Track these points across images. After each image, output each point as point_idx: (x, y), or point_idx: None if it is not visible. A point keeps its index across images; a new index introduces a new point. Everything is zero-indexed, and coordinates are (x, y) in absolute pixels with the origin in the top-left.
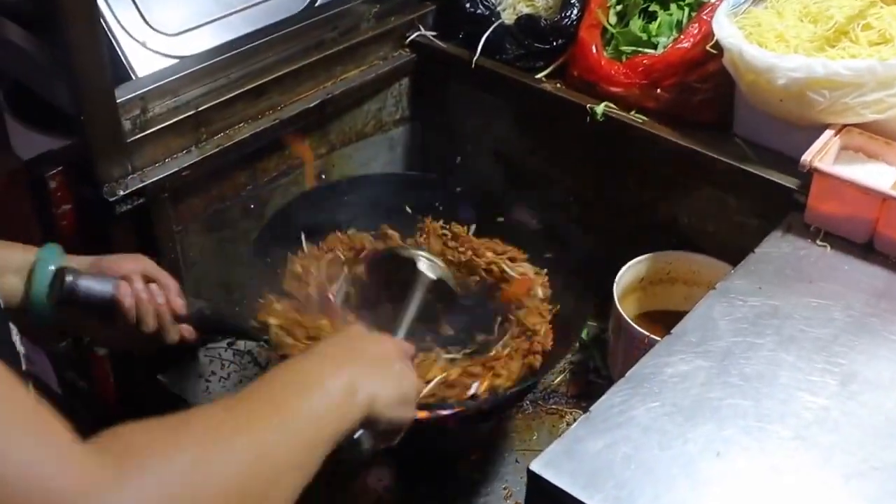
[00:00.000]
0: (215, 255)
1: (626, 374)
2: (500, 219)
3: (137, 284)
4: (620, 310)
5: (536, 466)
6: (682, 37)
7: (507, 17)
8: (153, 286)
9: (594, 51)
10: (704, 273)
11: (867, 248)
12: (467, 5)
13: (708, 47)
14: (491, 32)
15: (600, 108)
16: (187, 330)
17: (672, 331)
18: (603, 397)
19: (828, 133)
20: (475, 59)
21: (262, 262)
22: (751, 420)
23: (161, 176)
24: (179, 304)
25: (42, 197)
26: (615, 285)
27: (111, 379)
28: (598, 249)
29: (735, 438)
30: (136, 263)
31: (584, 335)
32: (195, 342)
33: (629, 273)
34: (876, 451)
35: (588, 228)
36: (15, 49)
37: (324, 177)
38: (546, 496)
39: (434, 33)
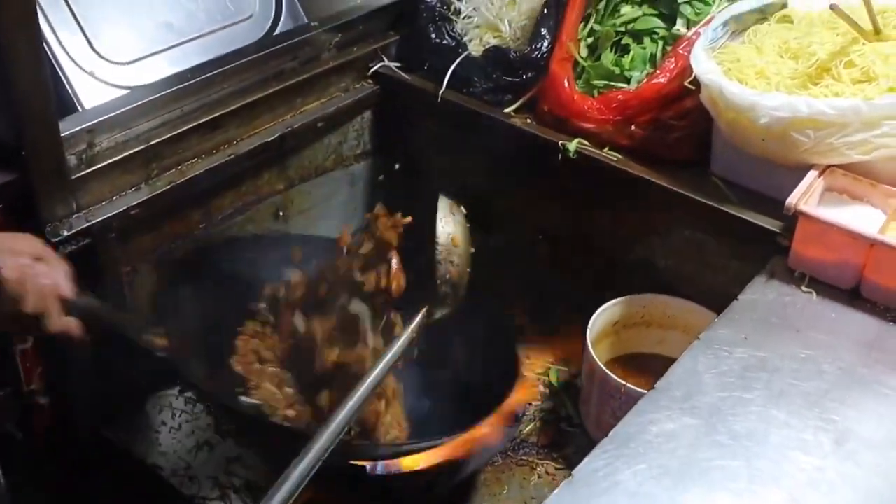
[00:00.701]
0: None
1: (610, 434)
2: None
3: (23, 260)
4: (594, 356)
5: None
6: (657, 72)
7: (474, 49)
8: (41, 266)
9: (566, 85)
10: (680, 317)
11: (854, 295)
12: (433, 36)
13: (686, 83)
14: (458, 65)
15: (573, 145)
16: (73, 324)
17: (656, 385)
18: (586, 460)
19: (812, 174)
20: (441, 92)
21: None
22: (742, 483)
23: (108, 215)
24: (67, 287)
25: None
26: (588, 331)
27: (50, 431)
28: (570, 291)
29: (726, 503)
30: (26, 242)
31: (554, 381)
32: (79, 339)
33: (602, 317)
34: None
35: (560, 269)
36: None
37: (281, 214)
38: None
39: (398, 65)
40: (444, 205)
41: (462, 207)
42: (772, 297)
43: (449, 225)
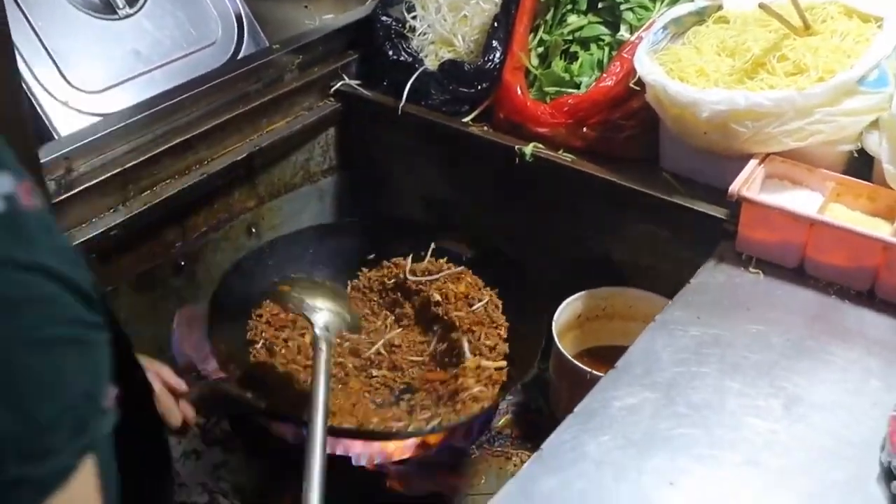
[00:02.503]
0: (147, 315)
1: (575, 410)
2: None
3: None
4: (561, 348)
5: None
6: (604, 75)
7: (430, 63)
8: (149, 372)
9: (519, 92)
10: (641, 307)
11: (798, 273)
12: (390, 53)
13: (631, 84)
14: (415, 79)
15: (529, 149)
16: (188, 410)
17: (616, 364)
18: (553, 434)
19: (752, 162)
20: (401, 105)
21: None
22: (702, 448)
23: (88, 236)
24: (179, 382)
25: None
26: (553, 324)
27: None
28: (532, 288)
29: (688, 467)
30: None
31: None
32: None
33: (566, 311)
34: (828, 471)
35: (523, 270)
36: None
37: (254, 230)
38: None
39: (358, 82)
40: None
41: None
42: (722, 279)
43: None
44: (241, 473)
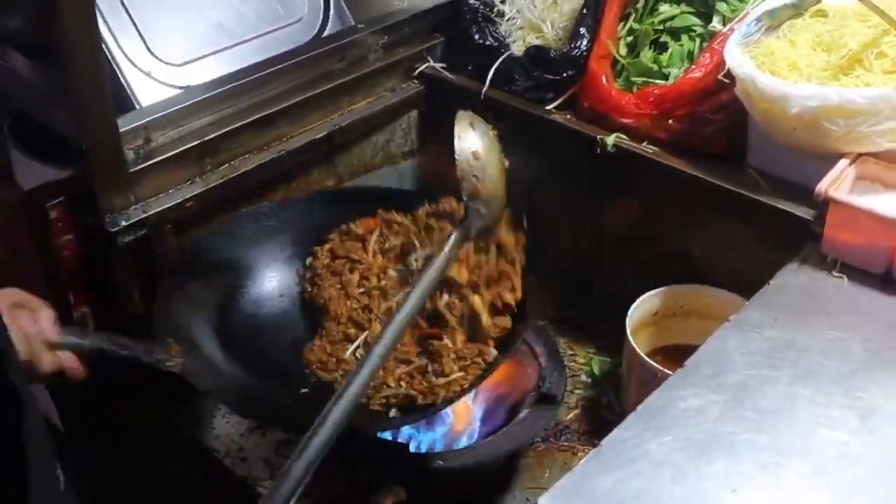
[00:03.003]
0: None
1: (638, 409)
2: None
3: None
4: (633, 344)
5: (545, 502)
6: (693, 66)
7: (517, 49)
8: (21, 314)
9: (604, 81)
10: (719, 307)
11: (885, 279)
12: (476, 37)
13: (720, 77)
14: (500, 64)
15: (610, 140)
16: (70, 360)
17: (685, 364)
18: (614, 431)
19: (843, 162)
20: (484, 90)
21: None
22: (767, 455)
23: (164, 206)
24: (52, 331)
25: (43, 228)
26: (628, 319)
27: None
28: (609, 283)
29: (751, 474)
30: (2, 294)
31: (596, 371)
32: (81, 376)
33: (642, 307)
34: None
35: (599, 261)
36: (19, 79)
37: None
38: None
39: (443, 65)
40: (462, 120)
41: (485, 122)
42: (803, 281)
43: (468, 140)
44: None
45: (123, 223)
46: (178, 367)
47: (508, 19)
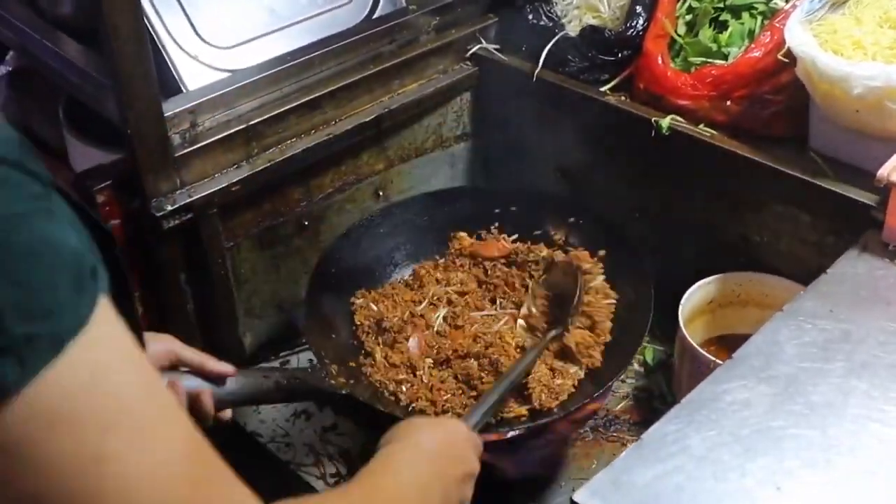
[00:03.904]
0: (268, 272)
1: (682, 401)
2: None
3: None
4: (685, 333)
5: (581, 497)
6: (752, 46)
7: (572, 29)
8: (184, 377)
9: (660, 62)
10: (777, 295)
11: None
12: (530, 17)
13: (779, 56)
14: (554, 45)
15: (666, 122)
16: (225, 416)
17: (734, 354)
18: (656, 424)
19: None
20: (537, 71)
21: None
22: (816, 452)
23: (210, 191)
24: (226, 370)
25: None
26: (681, 307)
27: None
28: (663, 269)
29: (798, 472)
30: (164, 344)
31: (649, 360)
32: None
33: (697, 295)
34: None
35: (653, 247)
36: (71, 64)
37: (381, 193)
38: None
39: (496, 46)
40: None
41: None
42: (862, 270)
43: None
44: (349, 439)
45: (169, 207)
46: (346, 388)
47: None
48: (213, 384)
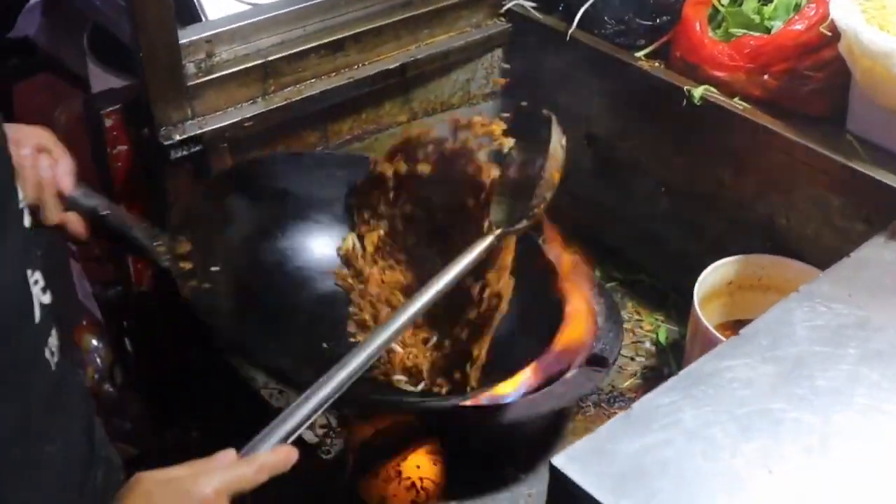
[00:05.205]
0: None
1: (680, 374)
2: None
3: (24, 151)
4: (699, 312)
5: (559, 461)
6: (795, 17)
7: None
8: (43, 158)
9: (697, 28)
10: (801, 281)
11: None
12: None
13: (821, 29)
14: (591, 5)
15: (698, 91)
16: (74, 219)
17: (741, 331)
18: (649, 394)
19: None
20: (570, 31)
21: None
22: (815, 438)
23: (222, 124)
24: (66, 181)
25: (98, 135)
26: (697, 286)
27: (168, 350)
28: (685, 247)
29: (793, 456)
30: (33, 133)
31: (662, 340)
32: (81, 237)
33: (715, 275)
34: None
35: (676, 223)
36: None
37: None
38: (567, 495)
39: (533, 4)
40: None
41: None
42: (888, 257)
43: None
44: None
45: (178, 137)
46: (175, 267)
47: None
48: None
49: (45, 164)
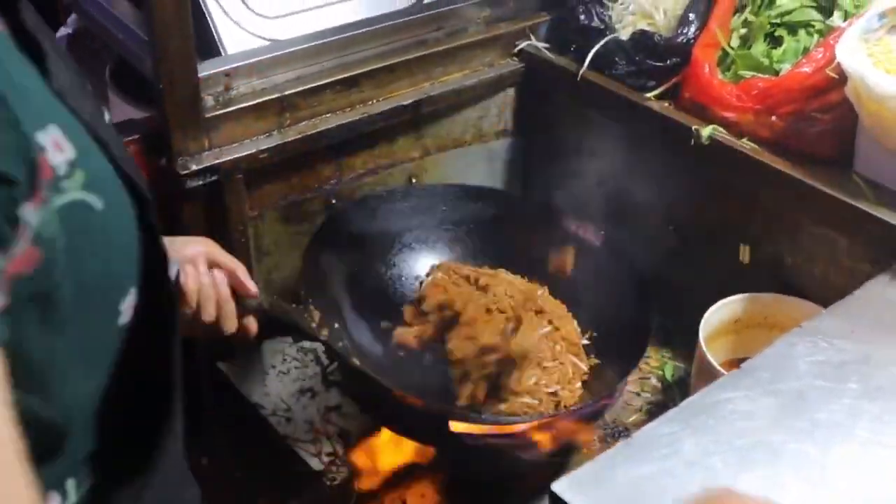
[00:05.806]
0: (290, 247)
1: (681, 404)
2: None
3: (201, 268)
4: (705, 350)
5: (559, 487)
6: (803, 60)
7: (624, 35)
8: (217, 272)
9: (706, 70)
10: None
11: None
12: (581, 17)
13: (829, 71)
14: (602, 46)
15: (707, 131)
16: (251, 324)
17: (742, 364)
18: (651, 424)
19: None
20: (581, 71)
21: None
22: (814, 470)
23: (238, 155)
24: (251, 287)
25: None
26: (703, 323)
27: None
28: (691, 285)
29: (792, 486)
30: (202, 246)
31: (668, 376)
32: (254, 340)
33: (721, 313)
34: None
35: (683, 261)
36: (118, 20)
37: (414, 181)
38: None
39: (546, 45)
40: None
41: None
42: (891, 295)
43: None
44: (351, 420)
45: (194, 167)
46: (328, 339)
47: (620, 3)
48: None
49: (221, 278)
